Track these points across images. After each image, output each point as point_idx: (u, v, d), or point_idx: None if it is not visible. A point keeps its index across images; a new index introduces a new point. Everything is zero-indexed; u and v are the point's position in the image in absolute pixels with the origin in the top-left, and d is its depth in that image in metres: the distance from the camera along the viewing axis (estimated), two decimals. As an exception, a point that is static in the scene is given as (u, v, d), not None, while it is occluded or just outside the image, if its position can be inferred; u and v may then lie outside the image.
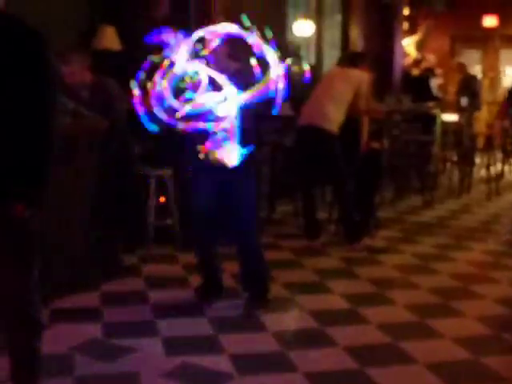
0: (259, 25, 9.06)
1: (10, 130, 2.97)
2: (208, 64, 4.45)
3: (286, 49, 10.16)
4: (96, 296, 5.17)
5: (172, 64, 4.18)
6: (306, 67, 9.88)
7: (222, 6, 7.84)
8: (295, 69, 10.14)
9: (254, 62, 4.15)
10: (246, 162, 4.43)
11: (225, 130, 4.28)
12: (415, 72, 13.62)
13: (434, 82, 12.83)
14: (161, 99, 4.15)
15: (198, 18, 7.62)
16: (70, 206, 5.07)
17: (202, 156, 4.36)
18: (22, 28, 2.99)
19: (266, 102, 4.26)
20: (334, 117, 6.45)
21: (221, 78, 4.26)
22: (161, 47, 4.24)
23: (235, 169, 4.42)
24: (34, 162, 3.02)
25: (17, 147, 2.97)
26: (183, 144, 4.81)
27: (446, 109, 11.46)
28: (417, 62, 14.24)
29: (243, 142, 4.33)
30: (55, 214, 4.75)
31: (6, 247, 3.08)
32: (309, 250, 6.60)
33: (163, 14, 7.45)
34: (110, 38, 7.29)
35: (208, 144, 4.32)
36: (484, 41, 16.43)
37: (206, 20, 7.66)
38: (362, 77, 6.66)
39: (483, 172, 10.52)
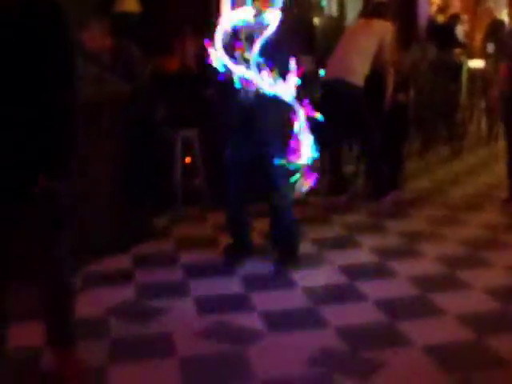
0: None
1: (33, 100, 3.00)
2: None
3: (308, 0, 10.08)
4: (128, 258, 5.26)
5: None
6: None
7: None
8: (317, 21, 10.07)
9: None
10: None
11: None
12: (440, 19, 13.39)
13: (460, 29, 12.61)
14: None
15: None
16: (98, 170, 5.13)
17: None
18: (44, 1, 3.02)
19: None
20: (359, 69, 6.40)
21: None
22: None
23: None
24: (58, 134, 3.05)
25: (40, 119, 3.01)
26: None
27: (472, 56, 11.29)
28: (442, 9, 14.00)
29: None
30: (84, 180, 4.81)
31: (35, 219, 3.15)
32: (336, 206, 6.62)
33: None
34: (129, 1, 7.29)
35: None
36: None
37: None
38: (385, 27, 6.57)
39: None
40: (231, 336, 3.96)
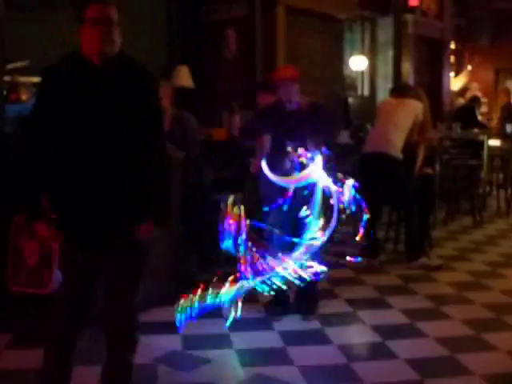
0: (320, 62, 9.11)
1: (134, 159, 3.04)
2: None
3: (343, 82, 10.15)
4: (174, 310, 5.16)
5: None
6: None
7: (286, 47, 7.86)
8: (352, 100, 10.12)
9: None
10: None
11: None
12: (460, 101, 13.41)
13: (480, 111, 12.59)
14: None
15: (264, 59, 7.66)
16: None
17: None
18: (139, 68, 3.11)
19: None
20: (397, 143, 6.41)
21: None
22: None
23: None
24: (159, 184, 3.12)
25: (142, 174, 3.05)
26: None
27: (491, 135, 11.21)
28: (462, 92, 14.05)
29: None
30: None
31: (126, 268, 3.13)
32: (369, 268, 6.50)
33: (231, 54, 7.51)
34: (184, 77, 7.38)
35: None
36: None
37: (271, 60, 7.74)
38: (419, 106, 6.60)
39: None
40: (272, 388, 3.85)
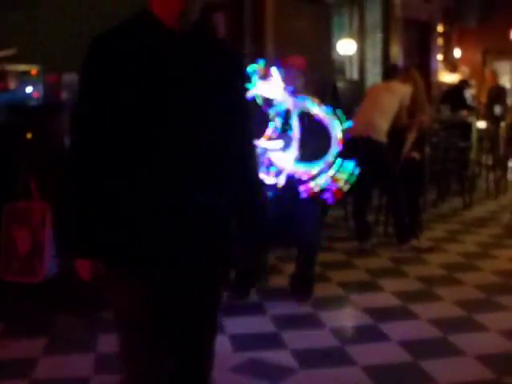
0: (309, 46, 9.04)
1: (229, 160, 2.40)
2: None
3: (332, 66, 10.11)
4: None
5: None
6: None
7: (275, 31, 7.81)
8: (340, 84, 10.07)
9: None
10: None
11: None
12: (447, 78, 13.43)
13: (469, 93, 12.59)
14: None
15: (253, 43, 7.59)
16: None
17: None
18: (227, 42, 2.68)
19: None
20: (382, 127, 6.36)
21: None
22: None
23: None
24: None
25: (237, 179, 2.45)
26: None
27: (480, 117, 11.22)
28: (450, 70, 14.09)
29: None
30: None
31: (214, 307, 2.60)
32: (360, 251, 6.48)
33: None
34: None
35: None
36: (512, 53, 16.11)
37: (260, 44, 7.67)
38: (405, 89, 6.55)
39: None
40: (265, 372, 3.83)
